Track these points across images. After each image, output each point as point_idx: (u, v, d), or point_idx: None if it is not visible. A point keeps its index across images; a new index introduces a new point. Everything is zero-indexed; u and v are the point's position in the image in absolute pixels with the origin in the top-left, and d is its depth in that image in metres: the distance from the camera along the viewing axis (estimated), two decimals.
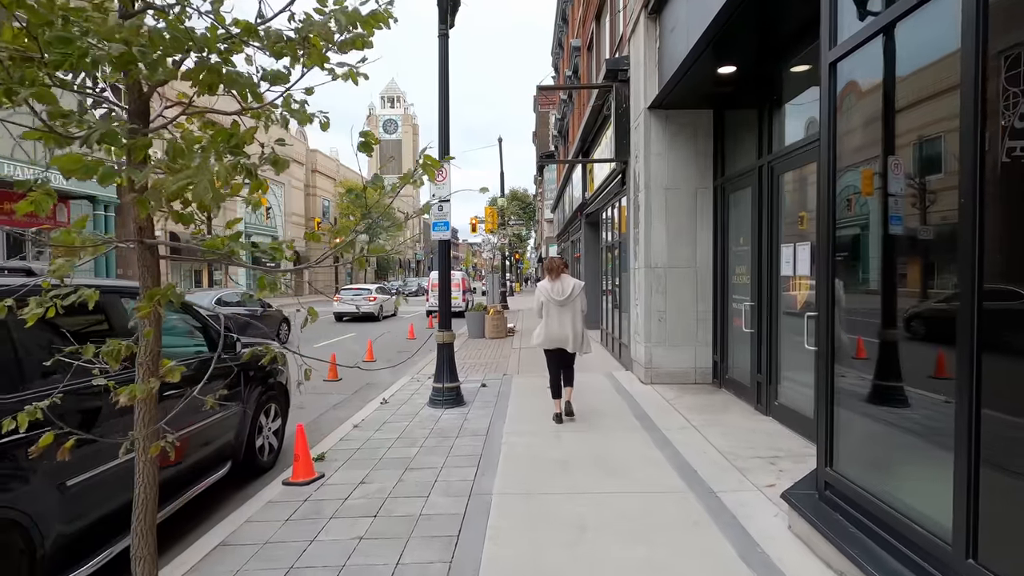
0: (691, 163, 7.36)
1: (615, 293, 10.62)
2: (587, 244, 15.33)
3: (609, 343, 11.13)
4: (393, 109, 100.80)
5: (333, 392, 8.18)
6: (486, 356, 11.04)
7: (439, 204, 6.74)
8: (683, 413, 5.95)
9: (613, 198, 10.27)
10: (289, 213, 42.97)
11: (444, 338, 6.79)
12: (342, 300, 22.90)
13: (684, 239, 7.39)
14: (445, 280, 6.81)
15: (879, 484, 2.75)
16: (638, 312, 7.83)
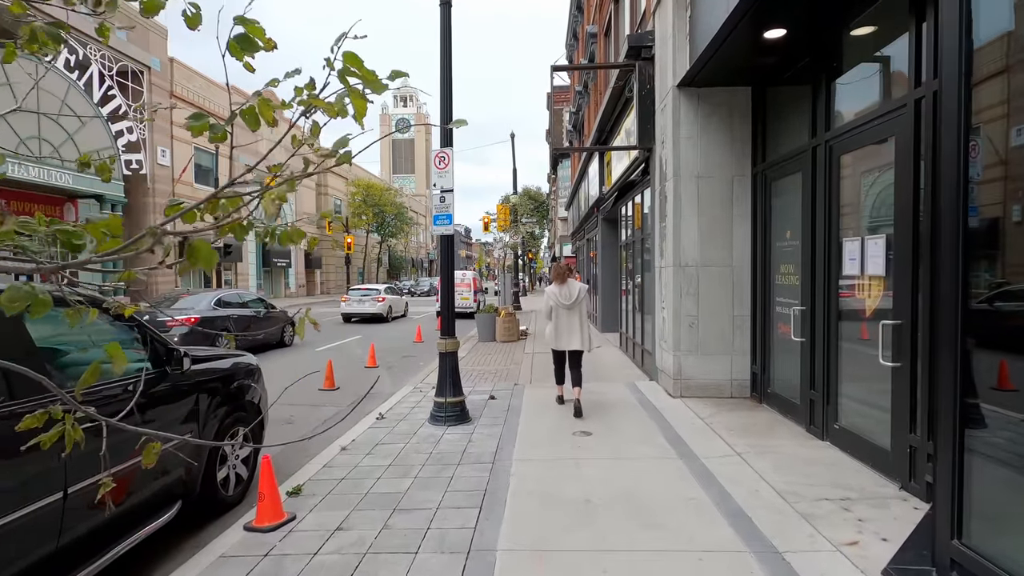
0: (726, 148, 6.51)
1: (635, 294, 9.78)
2: (604, 242, 14.48)
3: (629, 348, 10.29)
4: (406, 108, 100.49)
5: (327, 404, 7.45)
6: (496, 362, 10.26)
7: (440, 195, 5.97)
8: (723, 436, 5.11)
9: (634, 191, 9.42)
10: (300, 212, 42.61)
11: (447, 346, 6.02)
12: (349, 301, 22.29)
13: (718, 234, 6.54)
14: (448, 279, 6.04)
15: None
16: (665, 317, 6.99)
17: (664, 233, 7.00)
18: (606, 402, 6.69)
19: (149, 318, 9.82)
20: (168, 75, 27.87)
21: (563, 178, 40.79)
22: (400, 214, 54.44)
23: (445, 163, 5.89)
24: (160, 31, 27.31)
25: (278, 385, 8.65)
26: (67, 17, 3.93)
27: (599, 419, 5.89)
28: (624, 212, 10.91)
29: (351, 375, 9.57)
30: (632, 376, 8.49)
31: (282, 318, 12.99)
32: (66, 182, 21.62)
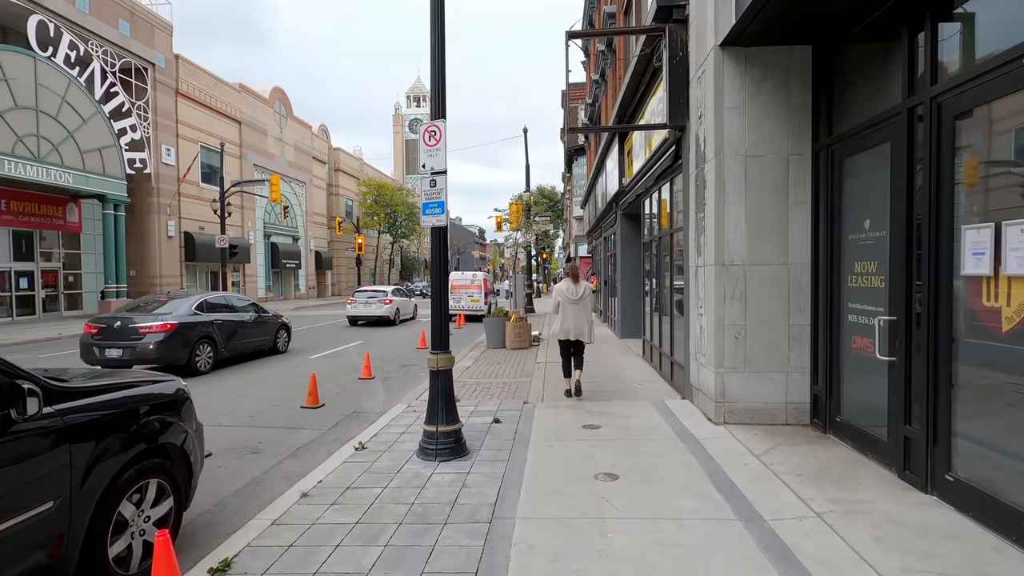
0: (780, 120, 5.33)
1: (662, 298, 8.61)
2: (623, 240, 13.31)
3: (655, 359, 9.12)
4: (419, 108, 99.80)
5: (305, 426, 6.41)
6: (505, 373, 9.16)
7: (431, 178, 4.88)
8: (790, 484, 3.95)
9: (661, 179, 8.26)
10: (311, 212, 41.98)
11: (439, 363, 4.93)
12: (355, 303, 21.34)
13: (771, 225, 5.37)
14: (441, 282, 4.95)
15: None
16: (703, 325, 5.83)
17: (702, 226, 5.84)
18: (633, 429, 5.54)
19: (122, 324, 8.91)
20: (173, 72, 27.27)
21: (578, 176, 39.60)
22: (412, 214, 53.58)
23: (437, 138, 4.81)
24: (165, 27, 26.71)
25: (260, 400, 7.67)
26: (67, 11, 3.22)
27: (626, 454, 4.75)
28: (648, 205, 9.74)
29: (341, 388, 8.54)
30: (660, 392, 7.33)
31: (275, 323, 12.03)
32: (66, 181, 20.98)
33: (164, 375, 3.62)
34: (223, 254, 26.16)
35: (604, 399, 6.97)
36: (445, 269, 4.94)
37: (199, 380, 9.04)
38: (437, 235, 4.90)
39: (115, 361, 8.83)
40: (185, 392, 3.57)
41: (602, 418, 5.97)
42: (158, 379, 3.47)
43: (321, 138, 45.59)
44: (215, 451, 5.40)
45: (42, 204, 22.13)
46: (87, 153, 21.92)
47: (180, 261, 28.05)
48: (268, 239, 36.40)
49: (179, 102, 27.75)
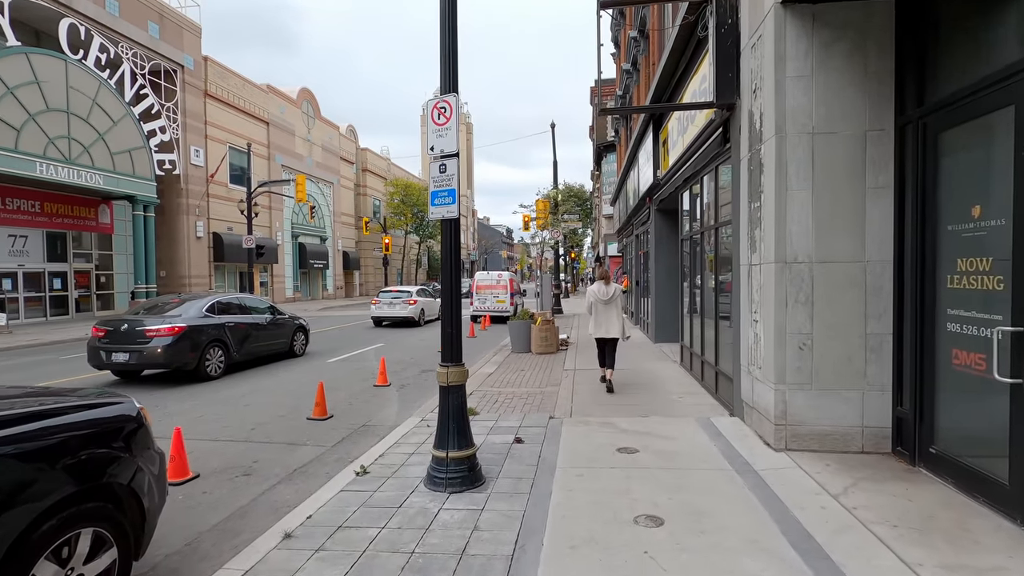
0: (857, 90, 4.48)
1: (705, 300, 7.76)
2: (658, 237, 12.43)
3: (695, 367, 8.26)
4: None
5: (309, 441, 5.82)
6: (529, 381, 8.44)
7: (440, 162, 4.20)
8: (885, 539, 3.12)
9: (704, 169, 7.41)
10: (339, 213, 42.04)
11: (450, 377, 4.25)
12: (379, 304, 20.94)
13: (843, 215, 4.52)
14: (453, 282, 4.27)
15: None
16: (759, 333, 5.00)
17: (757, 218, 5.01)
18: (676, 455, 4.76)
19: (129, 326, 8.53)
20: (202, 74, 27.44)
21: (607, 174, 38.59)
22: None
23: (447, 115, 4.12)
24: (194, 29, 26.87)
25: (266, 409, 7.14)
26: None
27: (671, 489, 3.98)
28: (687, 198, 8.88)
29: (354, 396, 7.96)
30: (703, 407, 6.50)
31: (291, 325, 11.58)
32: (97, 183, 21.16)
33: (114, 396, 3.03)
34: (250, 254, 26.18)
35: (640, 414, 6.19)
36: (457, 269, 4.26)
37: (208, 386, 8.59)
38: (448, 230, 4.22)
39: (122, 366, 8.45)
40: (137, 417, 2.97)
41: (639, 439, 5.20)
42: (102, 401, 2.88)
43: (349, 138, 45.66)
44: (204, 472, 4.85)
45: (75, 206, 22.42)
46: (117, 155, 22.09)
47: (209, 261, 28.22)
48: (296, 239, 36.50)
49: (207, 103, 27.91)
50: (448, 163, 4.15)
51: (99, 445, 2.64)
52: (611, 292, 7.63)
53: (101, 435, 2.68)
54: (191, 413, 6.91)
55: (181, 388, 8.42)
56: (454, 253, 4.20)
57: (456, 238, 4.20)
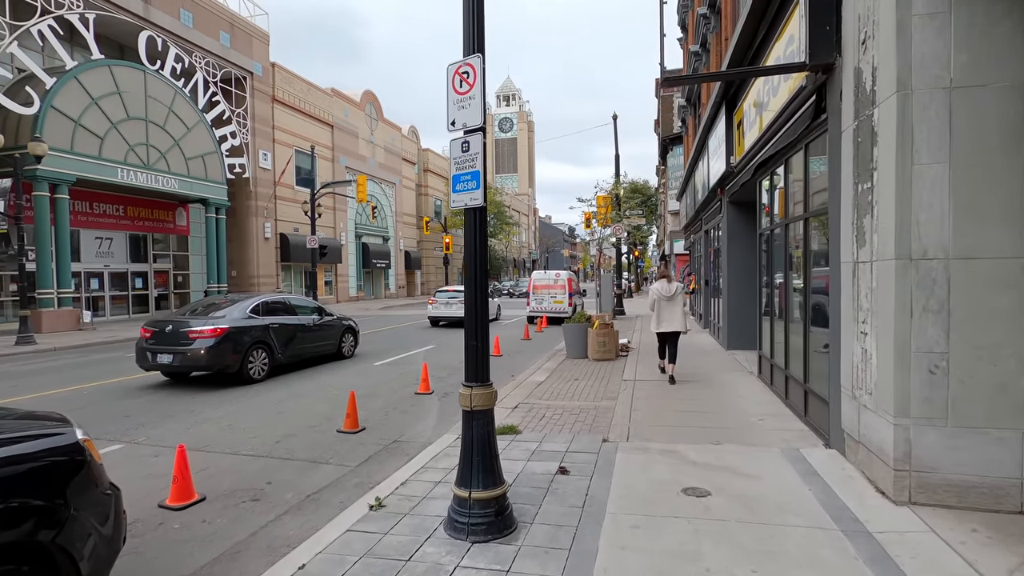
0: (1015, 24, 3.34)
1: (788, 302, 6.61)
2: (730, 232, 11.19)
3: (778, 382, 7.11)
4: (508, 107, 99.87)
5: (332, 460, 5.27)
6: (583, 393, 7.59)
7: (463, 140, 3.47)
8: None
9: (790, 148, 6.28)
10: (400, 213, 42.58)
11: (474, 400, 3.52)
12: (436, 304, 20.66)
13: (995, 197, 3.40)
14: (478, 283, 3.53)
15: None
16: (869, 349, 3.93)
17: (867, 202, 3.94)
18: (761, 502, 3.78)
19: (173, 328, 8.42)
20: (270, 80, 28.33)
21: (673, 168, 36.81)
22: (499, 213, 53.08)
23: (471, 82, 3.39)
24: (262, 36, 27.78)
25: (298, 418, 6.72)
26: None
27: (758, 554, 3.05)
28: (768, 186, 7.71)
29: (392, 405, 7.42)
30: (790, 434, 5.41)
31: (339, 327, 11.30)
32: (172, 187, 22.16)
33: (53, 421, 2.50)
34: (313, 254, 26.76)
35: (712, 439, 5.22)
36: (483, 268, 3.51)
37: (249, 390, 8.35)
38: (473, 221, 3.48)
39: (166, 367, 8.36)
40: (74, 450, 2.41)
41: (711, 475, 4.26)
42: (32, 433, 2.34)
43: (411, 139, 46.21)
44: (212, 494, 4.38)
45: (154, 209, 23.66)
46: (191, 160, 23.07)
47: (276, 261, 29.13)
48: (359, 239, 37.21)
49: (275, 108, 28.79)
50: (472, 140, 3.41)
51: (16, 490, 2.10)
52: (673, 289, 8.19)
53: (21, 476, 2.14)
54: (222, 421, 6.59)
55: (222, 392, 8.22)
56: (479, 249, 3.46)
57: (482, 230, 3.45)
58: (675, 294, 8.14)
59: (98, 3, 19.43)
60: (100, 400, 7.68)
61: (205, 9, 24.15)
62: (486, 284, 3.54)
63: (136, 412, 6.97)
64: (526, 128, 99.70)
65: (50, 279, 17.86)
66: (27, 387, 8.72)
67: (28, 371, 10.49)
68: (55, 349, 13.86)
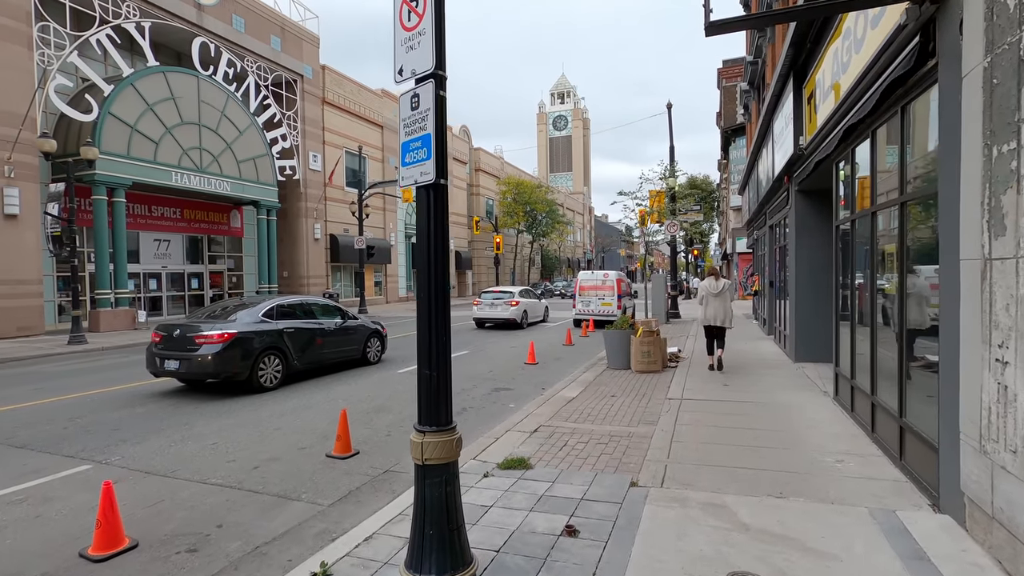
0: None
1: (873, 309, 5.25)
2: (800, 226, 9.69)
3: (862, 408, 5.75)
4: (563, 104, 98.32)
5: (305, 496, 4.47)
6: (618, 414, 6.49)
7: (412, 93, 2.54)
8: None
9: (879, 116, 4.94)
10: (451, 212, 42.17)
11: (428, 450, 2.59)
12: (481, 304, 19.93)
13: None
14: (435, 284, 2.59)
15: None
16: (1014, 385, 2.68)
17: (1009, 170, 2.70)
18: None
19: (181, 332, 7.99)
20: (320, 82, 28.57)
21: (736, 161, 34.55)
22: (552, 212, 51.92)
23: (420, 11, 2.45)
24: (312, 40, 28.03)
25: (291, 437, 5.99)
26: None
27: None
28: (848, 166, 6.32)
29: (397, 424, 6.60)
30: (879, 484, 4.13)
31: (364, 331, 10.67)
32: (225, 190, 22.57)
33: None
34: (361, 255, 26.75)
35: (773, 489, 4.03)
36: (441, 265, 2.57)
37: (255, 400, 7.79)
38: (426, 204, 2.55)
39: (172, 374, 7.94)
40: None
41: (771, 549, 3.12)
42: None
43: (462, 139, 45.93)
44: (148, 540, 3.68)
45: (209, 211, 24.27)
46: (243, 163, 23.45)
47: (326, 262, 29.38)
48: (409, 240, 37.18)
49: (325, 110, 29.02)
50: (422, 92, 2.47)
51: None
52: (720, 287, 8.94)
53: None
54: (210, 438, 5.98)
55: (227, 401, 7.70)
56: (436, 242, 2.52)
57: (439, 218, 2.52)
58: (721, 291, 8.88)
59: (154, 12, 19.97)
60: (100, 409, 7.32)
61: (257, 14, 24.52)
62: (445, 288, 2.59)
63: (127, 425, 6.50)
64: (581, 125, 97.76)
65: (107, 280, 18.45)
66: (44, 391, 8.57)
67: (60, 372, 10.50)
68: (103, 349, 14.09)
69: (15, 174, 16.06)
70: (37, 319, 16.88)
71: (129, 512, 4.00)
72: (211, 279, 25.05)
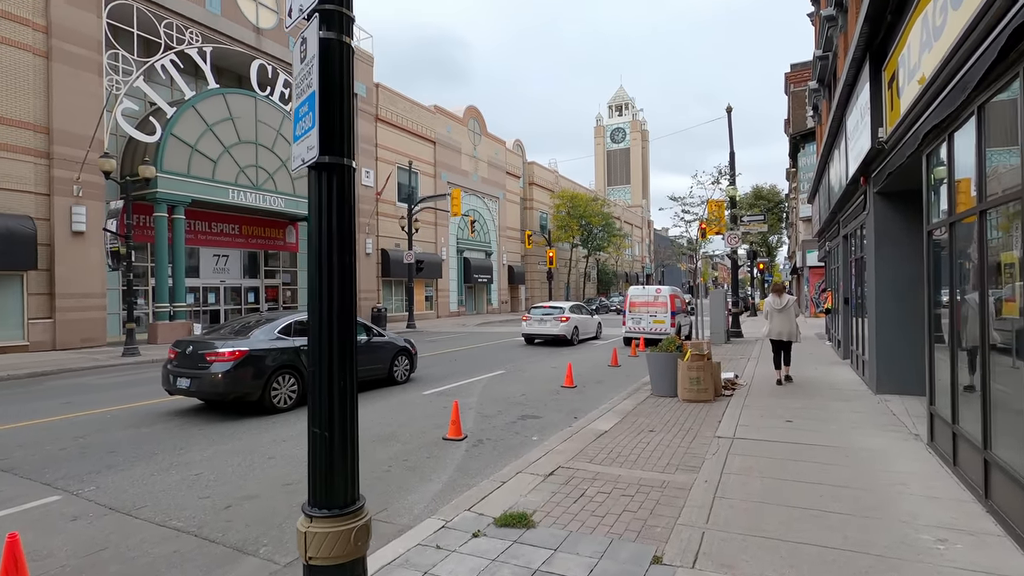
0: None
1: (986, 334, 4.04)
2: (880, 234, 8.31)
3: (969, 463, 4.49)
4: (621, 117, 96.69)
5: (264, 548, 3.80)
6: (652, 455, 5.49)
7: (300, 45, 1.83)
8: None
9: (988, 90, 3.81)
10: (504, 227, 41.96)
11: (314, 545, 1.79)
12: (530, 320, 19.19)
13: None
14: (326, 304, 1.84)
15: None
16: None
17: None
18: None
19: (193, 349, 7.70)
20: (373, 100, 29.04)
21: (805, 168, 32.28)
22: (608, 225, 50.55)
23: None
24: (366, 59, 28.58)
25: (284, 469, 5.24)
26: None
27: None
28: (944, 159, 5.11)
29: (405, 455, 5.90)
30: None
31: (391, 348, 10.14)
32: (279, 206, 23.12)
33: None
34: (410, 269, 26.71)
35: None
36: (342, 276, 1.83)
37: (260, 423, 7.34)
38: (316, 189, 1.82)
39: (184, 392, 7.64)
40: None
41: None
42: None
43: (515, 153, 45.67)
44: None
45: (267, 227, 24.96)
46: (297, 180, 23.97)
47: (377, 277, 29.57)
48: (460, 254, 37.03)
49: (378, 127, 29.43)
50: (308, 35, 1.76)
51: None
52: (784, 302, 9.31)
53: None
54: (196, 467, 5.51)
55: (234, 422, 7.30)
56: (331, 242, 1.78)
57: (334, 209, 1.78)
58: (785, 306, 9.27)
59: (215, 37, 20.84)
60: (111, 427, 7.09)
61: None
62: (346, 312, 1.85)
63: (124, 447, 6.17)
64: (639, 138, 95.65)
65: (166, 294, 19.12)
66: (72, 405, 8.54)
67: (101, 385, 10.60)
68: (152, 361, 14.38)
69: (83, 193, 16.93)
70: (100, 331, 17.63)
71: (59, 565, 3.49)
72: (267, 293, 25.69)
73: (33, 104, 15.99)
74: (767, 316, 9.51)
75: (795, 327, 9.28)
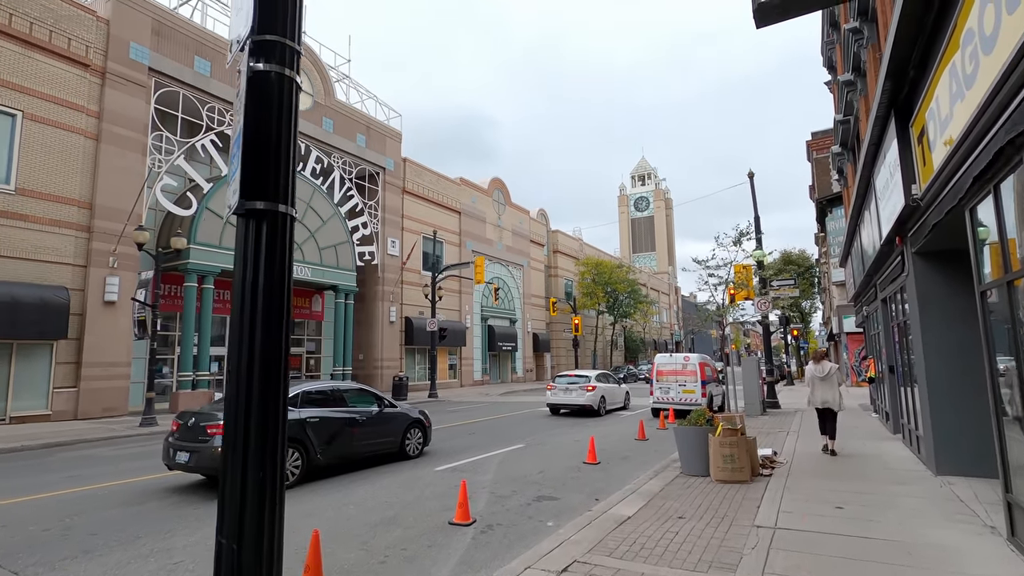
0: None
1: None
2: (924, 296, 7.71)
3: None
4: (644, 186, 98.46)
5: None
6: (681, 548, 4.81)
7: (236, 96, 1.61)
8: None
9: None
10: (528, 295, 41.87)
11: None
12: (555, 389, 18.55)
13: None
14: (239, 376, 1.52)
15: None
16: None
17: None
18: None
19: (195, 421, 7.42)
20: (401, 173, 30.12)
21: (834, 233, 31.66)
22: (634, 291, 50.05)
23: None
24: (395, 136, 29.92)
25: None
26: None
27: None
28: (992, 210, 4.68)
29: (403, 543, 5.33)
30: None
31: (403, 420, 9.67)
32: (306, 275, 23.55)
33: None
34: (433, 337, 26.48)
35: None
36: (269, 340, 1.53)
37: None
38: (243, 237, 1.55)
39: (183, 467, 7.28)
40: None
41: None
42: None
43: (539, 222, 46.36)
44: None
45: (295, 297, 25.34)
46: (324, 249, 24.52)
47: (400, 345, 29.41)
48: (485, 322, 36.82)
49: (405, 198, 30.32)
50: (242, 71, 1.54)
51: None
52: (826, 370, 9.15)
53: None
54: (176, 555, 5.06)
55: None
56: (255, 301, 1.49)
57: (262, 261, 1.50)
58: (828, 374, 9.13)
59: None
60: (105, 505, 6.73)
61: (345, 116, 26.62)
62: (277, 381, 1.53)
63: (109, 529, 5.77)
64: (663, 206, 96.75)
65: (190, 362, 19.21)
66: (76, 479, 8.24)
67: (112, 456, 10.34)
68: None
69: (118, 264, 17.50)
70: (122, 400, 17.63)
71: None
72: (291, 362, 25.70)
73: (79, 182, 16.92)
74: (810, 384, 9.37)
75: (839, 395, 9.09)
